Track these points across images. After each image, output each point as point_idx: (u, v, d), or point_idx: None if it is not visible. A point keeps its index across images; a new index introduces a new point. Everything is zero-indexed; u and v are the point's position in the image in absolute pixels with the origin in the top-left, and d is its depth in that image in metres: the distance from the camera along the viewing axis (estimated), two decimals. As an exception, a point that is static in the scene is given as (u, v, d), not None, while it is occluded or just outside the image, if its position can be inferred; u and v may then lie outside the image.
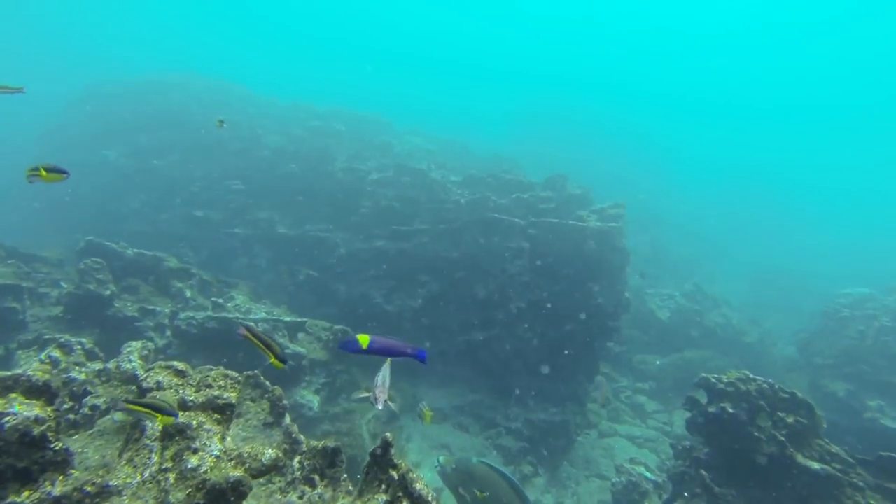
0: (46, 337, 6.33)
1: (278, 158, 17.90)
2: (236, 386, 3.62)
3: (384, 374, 4.09)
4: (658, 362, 15.46)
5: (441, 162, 18.14)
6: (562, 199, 14.84)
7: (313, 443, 4.92)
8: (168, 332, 9.56)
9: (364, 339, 3.18)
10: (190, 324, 9.39)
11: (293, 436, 4.95)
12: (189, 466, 2.79)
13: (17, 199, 21.38)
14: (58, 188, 19.38)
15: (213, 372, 3.64)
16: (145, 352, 5.39)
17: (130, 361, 5.13)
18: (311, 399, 9.92)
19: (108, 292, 9.02)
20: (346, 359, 11.45)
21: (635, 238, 13.78)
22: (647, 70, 72.95)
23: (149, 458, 2.84)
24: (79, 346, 6.12)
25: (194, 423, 3.04)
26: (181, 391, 3.43)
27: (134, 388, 4.98)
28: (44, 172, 4.26)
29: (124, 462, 2.85)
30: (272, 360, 3.98)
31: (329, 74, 67.50)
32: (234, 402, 3.44)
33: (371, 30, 77.63)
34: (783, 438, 5.87)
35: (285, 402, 5.23)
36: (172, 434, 2.94)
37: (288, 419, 5.21)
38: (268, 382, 5.66)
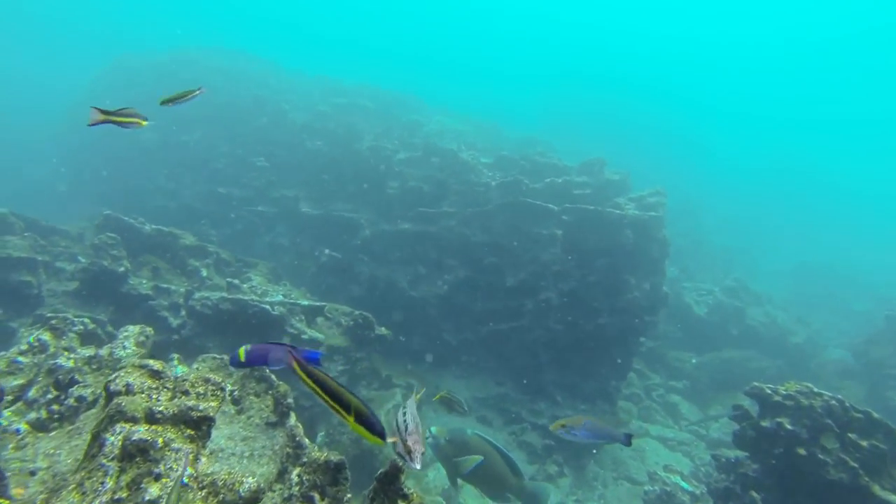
0: (48, 314, 5.90)
1: (304, 135, 17.39)
2: (218, 393, 3.06)
3: (411, 412, 2.64)
4: (694, 360, 14.59)
5: (472, 143, 17.39)
6: (598, 184, 13.99)
7: (316, 453, 4.37)
8: (183, 312, 9.18)
9: (241, 352, 2.72)
10: (204, 304, 8.98)
11: (297, 439, 4.42)
12: (147, 499, 2.26)
13: (48, 169, 21.49)
14: (88, 162, 19.34)
15: (192, 375, 3.09)
16: (142, 338, 4.92)
17: (125, 348, 4.66)
18: (328, 387, 9.41)
19: (121, 269, 8.65)
20: (368, 345, 10.96)
21: (670, 228, 12.88)
22: (684, 65, 69.98)
23: (102, 484, 2.31)
24: (74, 329, 5.68)
25: (160, 440, 2.50)
26: (154, 396, 2.89)
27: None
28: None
29: (73, 486, 2.33)
30: (352, 426, 2.34)
31: (358, 52, 66.59)
32: (213, 414, 2.89)
33: (400, 10, 76.14)
34: (855, 465, 5.12)
35: (290, 399, 4.71)
36: (133, 454, 2.40)
37: (293, 419, 4.68)
38: (274, 376, 5.15)
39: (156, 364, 3.16)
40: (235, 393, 4.98)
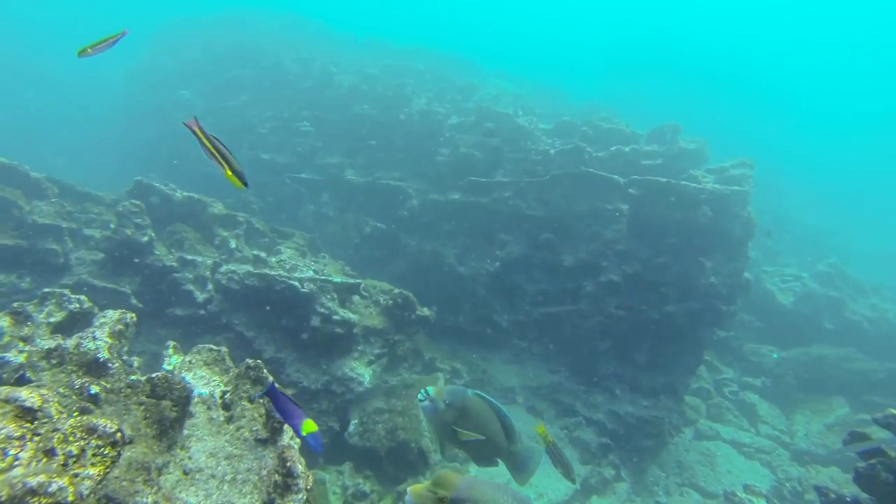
0: (46, 290, 5.27)
1: (351, 99, 16.44)
2: (107, 453, 2.13)
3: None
4: (776, 355, 12.85)
5: (529, 107, 15.92)
6: (671, 154, 12.35)
7: (309, 484, 3.46)
8: (209, 286, 8.54)
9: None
10: (231, 278, 8.31)
11: (288, 465, 3.51)
12: None
13: (108, 139, 21.70)
14: (144, 130, 19.27)
15: (70, 422, 2.16)
16: (120, 326, 4.13)
17: (95, 339, 3.86)
18: (361, 372, 8.63)
19: (145, 238, 8.06)
20: (408, 326, 10.06)
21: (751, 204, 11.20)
22: (767, 29, 63.40)
23: None
24: (70, 308, 4.99)
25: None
26: (12, 453, 1.97)
27: (91, 378, 3.70)
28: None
29: None
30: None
31: (411, 14, 64.32)
32: (88, 489, 1.95)
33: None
34: None
35: (286, 413, 3.78)
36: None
37: (287, 437, 3.77)
38: (271, 378, 4.26)
39: (33, 397, 2.26)
40: (227, 395, 4.14)
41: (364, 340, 9.10)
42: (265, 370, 4.17)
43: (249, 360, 4.22)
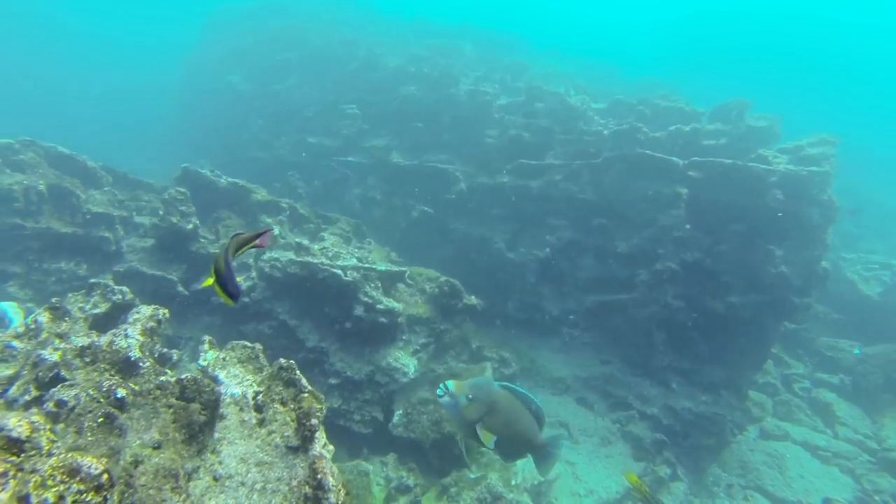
0: (92, 281, 5.29)
1: (397, 80, 16.12)
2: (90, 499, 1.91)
3: None
4: (858, 351, 11.78)
5: (581, 86, 15.12)
6: (736, 133, 11.41)
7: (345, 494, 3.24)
8: (253, 274, 8.51)
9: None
10: (274, 266, 8.23)
11: (319, 477, 3.28)
12: None
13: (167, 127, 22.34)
14: (197, 117, 19.68)
15: (52, 461, 1.95)
16: (152, 323, 4.01)
17: (127, 337, 3.76)
18: (406, 362, 8.43)
19: (190, 226, 8.08)
20: (455, 315, 9.79)
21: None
22: None
23: None
24: (113, 299, 4.96)
25: None
26: None
27: (120, 378, 3.59)
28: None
29: None
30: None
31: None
32: None
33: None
34: None
35: (315, 420, 3.57)
36: None
37: (319, 445, 3.55)
38: (305, 380, 4.04)
39: (21, 427, 2.07)
40: (260, 397, 3.97)
41: (409, 329, 8.89)
42: (297, 371, 3.96)
43: (282, 360, 4.03)
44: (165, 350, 5.11)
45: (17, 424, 2.11)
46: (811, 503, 8.57)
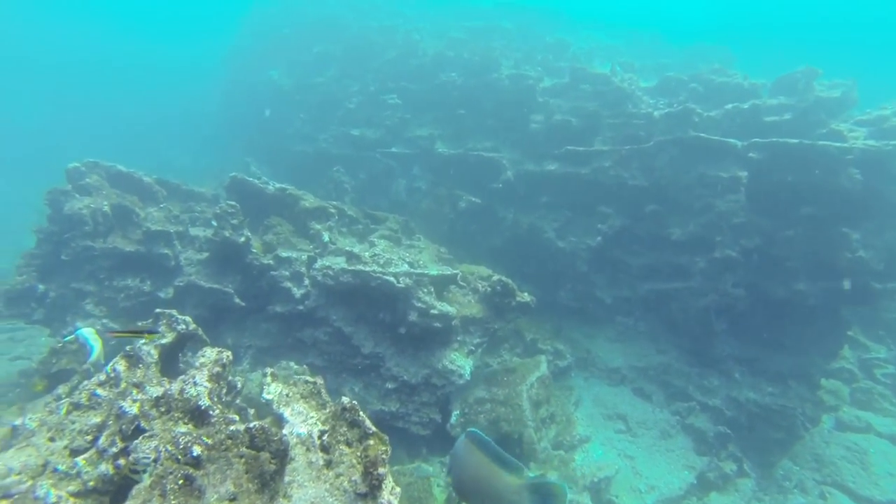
0: (158, 311, 5.52)
1: (437, 66, 15.87)
2: None
3: None
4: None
5: (628, 62, 14.43)
6: (803, 106, 10.65)
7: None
8: (306, 281, 8.69)
9: None
10: (326, 274, 8.37)
11: (389, 530, 3.35)
12: None
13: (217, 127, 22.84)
14: (240, 113, 20.03)
15: None
16: (217, 368, 4.15)
17: (196, 385, 3.90)
18: (462, 364, 8.49)
19: (242, 239, 8.29)
20: (508, 313, 9.75)
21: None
22: None
23: None
24: (177, 328, 5.17)
25: None
26: None
27: (193, 425, 3.74)
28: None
29: None
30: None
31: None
32: None
33: None
34: None
35: (382, 469, 3.63)
36: None
37: (385, 494, 3.61)
38: (369, 422, 4.10)
39: None
40: (325, 437, 4.06)
41: (463, 330, 8.92)
42: (361, 412, 4.03)
43: (345, 401, 4.10)
44: (231, 378, 5.30)
45: None
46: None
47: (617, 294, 11.80)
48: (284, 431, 4.06)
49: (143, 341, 4.74)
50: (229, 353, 4.37)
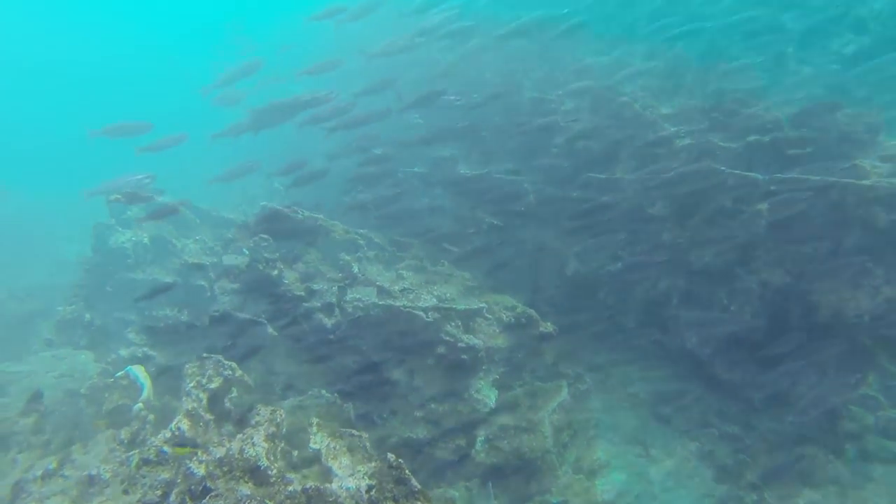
0: (204, 356, 5.89)
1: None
2: None
3: None
4: None
5: (650, 86, 14.50)
6: (825, 140, 10.71)
7: None
8: (336, 312, 9.03)
9: None
10: (356, 306, 8.72)
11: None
12: None
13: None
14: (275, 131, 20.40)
15: None
16: (273, 427, 4.46)
17: (254, 445, 4.21)
18: (487, 394, 8.82)
19: (275, 272, 8.66)
20: (530, 342, 10.01)
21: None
22: None
23: None
24: (224, 374, 5.51)
25: None
26: None
27: (253, 483, 4.06)
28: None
29: None
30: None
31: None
32: None
33: None
34: None
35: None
36: None
37: (434, 555, 3.90)
38: (414, 480, 4.40)
39: None
40: (373, 492, 4.35)
41: (488, 359, 9.23)
42: (407, 470, 4.32)
43: (391, 457, 4.40)
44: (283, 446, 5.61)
45: None
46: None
47: (638, 318, 11.99)
48: (333, 486, 4.37)
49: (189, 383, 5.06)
50: (282, 411, 4.68)
